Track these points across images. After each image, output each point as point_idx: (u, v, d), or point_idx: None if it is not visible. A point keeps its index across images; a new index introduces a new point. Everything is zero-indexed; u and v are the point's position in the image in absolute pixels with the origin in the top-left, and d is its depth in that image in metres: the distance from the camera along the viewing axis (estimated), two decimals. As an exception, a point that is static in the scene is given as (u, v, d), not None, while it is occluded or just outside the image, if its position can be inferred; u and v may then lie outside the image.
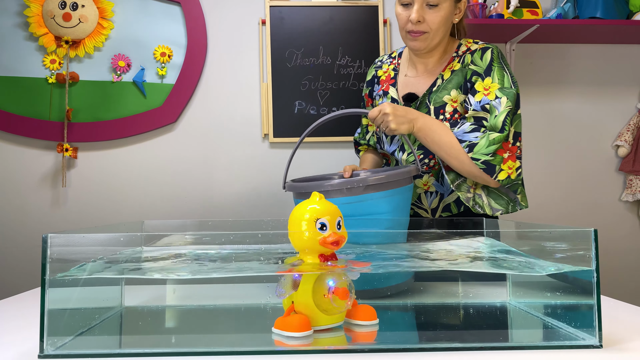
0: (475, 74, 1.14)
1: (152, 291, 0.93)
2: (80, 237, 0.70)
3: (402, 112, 1.07)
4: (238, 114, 1.95)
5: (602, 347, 0.64)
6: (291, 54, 1.94)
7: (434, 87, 1.19)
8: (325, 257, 0.66)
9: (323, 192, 0.90)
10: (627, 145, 1.97)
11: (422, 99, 1.19)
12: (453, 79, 1.17)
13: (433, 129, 1.10)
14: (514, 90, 1.13)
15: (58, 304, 0.66)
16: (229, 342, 0.69)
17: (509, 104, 1.10)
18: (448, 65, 1.20)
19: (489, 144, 1.08)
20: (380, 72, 1.32)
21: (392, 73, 1.29)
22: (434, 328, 0.77)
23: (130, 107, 1.90)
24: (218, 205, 1.93)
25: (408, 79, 1.25)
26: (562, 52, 2.03)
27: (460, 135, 1.11)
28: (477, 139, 1.09)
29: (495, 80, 1.13)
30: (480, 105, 1.12)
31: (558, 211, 2.01)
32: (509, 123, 1.10)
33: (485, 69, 1.14)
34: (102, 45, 1.91)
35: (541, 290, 0.79)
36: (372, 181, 0.89)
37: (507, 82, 1.13)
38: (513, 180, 1.11)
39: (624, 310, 0.83)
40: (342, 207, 0.89)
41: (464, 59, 1.18)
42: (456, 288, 0.95)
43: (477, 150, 1.08)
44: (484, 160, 1.08)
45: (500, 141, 1.08)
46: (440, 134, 1.10)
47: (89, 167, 1.91)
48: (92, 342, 0.69)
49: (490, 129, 1.10)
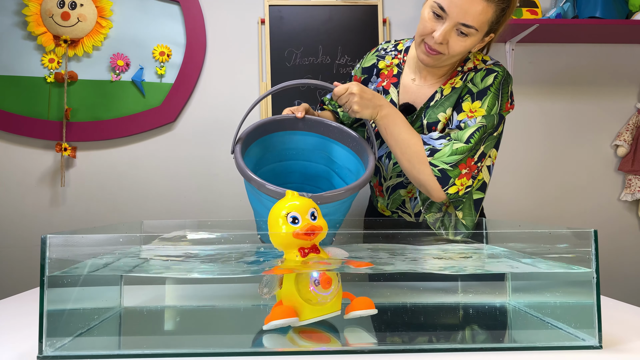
0: (469, 93, 1.08)
1: (151, 291, 0.93)
2: (79, 238, 0.69)
3: (369, 95, 1.03)
4: (237, 113, 1.94)
5: (602, 348, 0.64)
6: (290, 54, 1.94)
7: (431, 102, 1.13)
8: (305, 251, 0.66)
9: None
10: (626, 144, 1.97)
11: (419, 113, 1.14)
12: (451, 96, 1.11)
13: (396, 122, 1.05)
14: (494, 118, 1.07)
15: (57, 304, 0.66)
16: (229, 343, 0.69)
17: (482, 121, 1.05)
18: (450, 79, 1.13)
19: (451, 153, 1.03)
20: (382, 63, 1.22)
21: (395, 70, 1.20)
22: (433, 329, 0.77)
23: (129, 107, 1.89)
24: (217, 205, 1.93)
25: (411, 86, 1.18)
26: (562, 52, 2.03)
27: (427, 139, 1.06)
28: (441, 145, 1.04)
29: (484, 105, 1.06)
30: (455, 124, 1.08)
31: (557, 210, 2.01)
32: (476, 138, 1.04)
33: (480, 90, 1.08)
34: (100, 45, 1.90)
35: (541, 291, 0.80)
36: (325, 198, 0.84)
37: (495, 110, 1.07)
38: (459, 196, 1.07)
39: (623, 311, 0.84)
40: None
41: (466, 77, 1.11)
42: (456, 288, 0.95)
43: (438, 157, 1.04)
44: (441, 169, 1.03)
45: (463, 152, 1.03)
46: (401, 130, 1.05)
47: (87, 166, 1.91)
48: (91, 343, 0.69)
49: (455, 139, 1.05)
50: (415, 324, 0.80)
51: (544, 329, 0.73)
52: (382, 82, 1.21)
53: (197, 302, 0.87)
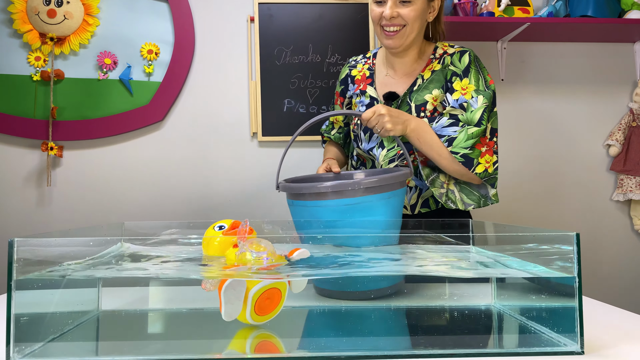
0: (454, 75, 1.20)
1: (131, 293, 0.90)
2: (52, 241, 0.68)
3: (396, 113, 1.11)
4: (226, 112, 1.92)
5: (583, 354, 0.62)
6: (280, 52, 1.92)
7: (414, 87, 1.22)
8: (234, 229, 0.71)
9: (318, 193, 0.89)
10: (618, 144, 1.97)
11: (403, 98, 1.22)
12: (434, 78, 1.21)
13: (425, 129, 1.14)
14: (489, 91, 1.18)
15: (27, 307, 0.64)
16: (212, 347, 0.67)
17: (485, 102, 1.16)
18: (427, 66, 1.24)
19: (467, 138, 1.13)
20: (354, 71, 1.34)
21: (367, 72, 1.31)
22: (414, 332, 0.76)
23: (117, 105, 1.87)
24: (205, 205, 1.91)
25: (386, 79, 1.28)
26: (554, 51, 2.02)
27: (439, 130, 1.15)
28: (456, 133, 1.13)
29: (472, 82, 1.18)
30: (458, 103, 1.18)
31: (548, 211, 2.00)
32: (485, 118, 1.15)
33: (463, 70, 1.20)
34: (87, 42, 1.88)
35: (525, 293, 0.78)
36: (369, 183, 0.89)
37: (482, 86, 1.19)
38: (490, 174, 1.16)
39: (609, 313, 0.82)
40: (337, 209, 0.89)
41: (444, 60, 1.22)
42: (441, 290, 0.94)
43: (456, 144, 1.13)
44: (463, 154, 1.13)
45: (478, 135, 1.13)
46: (432, 136, 1.14)
47: (74, 166, 1.88)
48: (64, 348, 0.67)
49: (466, 122, 1.15)
50: (395, 327, 0.78)
51: (526, 333, 0.72)
52: (358, 87, 1.31)
53: (182, 305, 0.85)
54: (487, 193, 1.21)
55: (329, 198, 0.89)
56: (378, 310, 0.83)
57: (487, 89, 1.18)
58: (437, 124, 1.16)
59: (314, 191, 0.89)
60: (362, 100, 1.30)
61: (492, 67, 1.99)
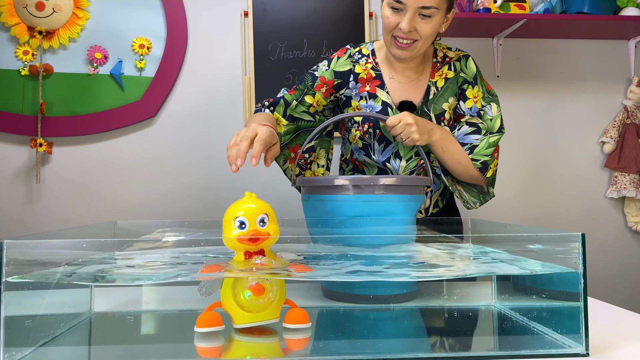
0: (465, 82, 1.21)
1: (125, 294, 0.88)
2: (43, 243, 0.65)
3: (422, 122, 1.08)
4: (220, 108, 1.90)
5: (588, 355, 0.62)
6: (274, 47, 1.89)
7: (429, 95, 1.21)
8: (250, 254, 0.66)
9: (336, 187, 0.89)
10: (612, 141, 1.97)
11: (421, 108, 1.20)
12: (449, 87, 1.21)
13: (449, 138, 1.15)
14: (495, 97, 1.22)
15: (17, 310, 0.62)
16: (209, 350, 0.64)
17: (499, 109, 1.20)
18: (436, 72, 1.22)
19: (487, 146, 1.16)
20: (358, 68, 1.23)
21: (372, 73, 1.22)
22: (412, 335, 0.75)
23: (108, 101, 1.84)
24: (198, 203, 1.89)
25: (395, 84, 1.21)
26: (549, 48, 2.01)
27: (461, 138, 1.17)
28: (478, 141, 1.16)
29: (480, 89, 1.21)
30: (474, 112, 1.20)
31: (543, 208, 2.00)
32: (504, 126, 1.19)
33: (473, 77, 1.21)
34: (77, 36, 1.84)
35: (527, 293, 0.77)
36: (391, 181, 0.88)
37: (486, 93, 1.22)
38: (493, 177, 1.20)
39: (610, 313, 0.82)
40: (355, 205, 0.88)
41: (454, 67, 1.21)
42: (440, 289, 0.93)
43: (477, 152, 1.16)
44: (483, 161, 1.16)
45: (497, 143, 1.18)
46: (454, 145, 1.16)
47: (64, 162, 1.85)
48: (57, 353, 0.65)
49: (487, 130, 1.18)
50: (394, 328, 0.77)
51: (528, 334, 0.71)
52: (365, 87, 1.22)
53: (176, 306, 0.83)
54: (483, 190, 1.23)
55: (348, 192, 0.88)
56: (376, 312, 0.82)
57: (491, 96, 1.22)
58: (458, 131, 1.17)
59: (333, 184, 0.88)
60: (371, 104, 1.21)
61: (488, 64, 1.98)
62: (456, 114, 1.22)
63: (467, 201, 1.21)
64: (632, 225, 1.99)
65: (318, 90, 1.23)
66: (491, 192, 1.24)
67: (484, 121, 1.18)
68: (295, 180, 1.02)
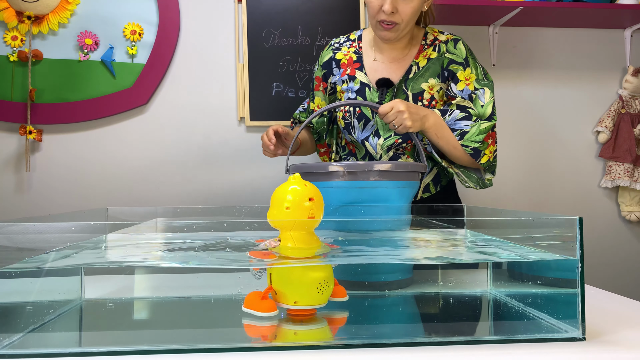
0: (453, 63, 1.21)
1: (117, 282, 0.87)
2: (30, 227, 0.64)
3: (414, 109, 1.10)
4: (213, 96, 1.87)
5: (585, 340, 0.61)
6: (268, 34, 1.87)
7: (410, 74, 1.22)
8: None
9: (329, 173, 0.88)
10: (607, 131, 1.97)
11: (399, 86, 1.22)
12: (430, 67, 1.22)
13: (442, 125, 1.16)
14: (490, 82, 1.22)
15: (5, 297, 0.61)
16: (201, 338, 0.64)
17: (492, 95, 1.20)
18: (421, 53, 1.23)
19: (478, 132, 1.17)
20: (339, 54, 1.31)
21: (354, 56, 1.29)
22: (408, 320, 0.74)
23: (99, 88, 1.81)
24: (191, 192, 1.87)
25: (377, 64, 1.26)
26: (545, 36, 2.00)
27: (452, 123, 1.17)
28: (468, 127, 1.17)
29: (472, 71, 1.21)
30: (465, 94, 1.20)
31: (537, 197, 2.00)
32: (495, 113, 1.20)
33: (463, 59, 1.21)
34: (67, 22, 1.81)
35: (522, 280, 0.77)
36: (386, 167, 0.87)
37: (481, 75, 1.22)
38: (491, 162, 1.21)
39: (605, 299, 0.82)
40: (350, 191, 0.88)
41: (439, 48, 1.22)
42: (435, 276, 0.93)
43: (468, 138, 1.17)
44: (473, 147, 1.17)
45: (488, 130, 1.18)
46: (448, 132, 1.17)
47: (54, 150, 1.82)
48: (46, 339, 0.64)
49: (478, 116, 1.18)
50: (389, 315, 0.76)
51: (525, 319, 0.71)
52: (346, 71, 1.28)
53: (167, 293, 0.82)
54: (482, 177, 1.24)
55: (342, 179, 0.87)
56: (370, 299, 0.81)
57: (486, 79, 1.22)
58: (449, 117, 1.18)
59: (327, 170, 0.88)
60: (351, 86, 1.27)
61: (484, 52, 1.97)
62: (447, 97, 1.23)
63: (465, 181, 1.23)
64: (626, 215, 2.00)
65: (317, 90, 1.36)
66: (488, 181, 1.24)
67: (475, 106, 1.18)
68: (289, 168, 1.01)
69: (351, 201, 0.88)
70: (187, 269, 0.89)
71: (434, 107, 1.21)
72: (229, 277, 0.81)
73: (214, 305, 0.78)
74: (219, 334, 0.67)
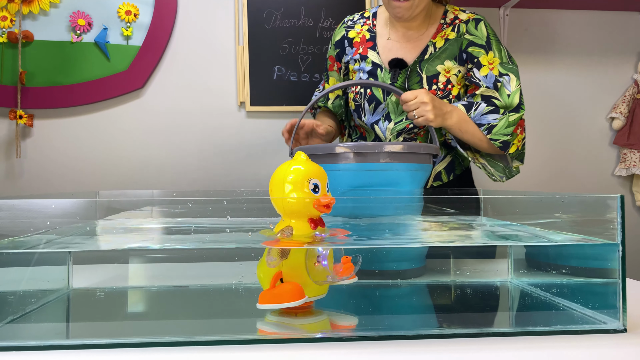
0: (473, 44, 1.14)
1: (107, 271, 0.82)
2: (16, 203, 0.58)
3: (439, 103, 1.05)
4: (211, 79, 1.81)
5: (626, 332, 0.55)
6: (270, 15, 1.80)
7: (425, 55, 1.17)
8: (315, 222, 0.60)
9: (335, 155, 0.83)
10: (622, 117, 1.92)
11: (413, 67, 1.17)
12: (447, 48, 1.16)
13: (466, 119, 1.11)
14: (515, 67, 1.15)
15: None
16: (198, 329, 0.60)
17: (518, 83, 1.14)
18: (439, 33, 1.17)
19: (507, 125, 1.12)
20: (352, 33, 1.26)
21: (367, 35, 1.24)
22: (426, 311, 0.69)
23: (92, 71, 1.75)
24: (189, 178, 1.82)
25: (391, 43, 1.21)
26: (558, 19, 1.95)
27: (478, 118, 1.12)
28: (496, 120, 1.12)
29: (496, 54, 1.14)
30: (490, 82, 1.14)
31: (548, 186, 1.96)
32: (523, 101, 1.14)
33: (485, 41, 1.15)
34: (59, 1, 1.75)
35: (547, 268, 0.71)
36: (398, 148, 0.82)
37: (505, 58, 1.15)
38: (520, 151, 1.17)
39: (635, 288, 0.76)
40: (359, 174, 0.82)
41: (458, 28, 1.16)
42: (449, 266, 0.87)
43: (496, 132, 1.12)
44: (502, 140, 1.13)
45: (517, 121, 1.13)
46: (473, 126, 1.12)
47: (46, 136, 1.77)
48: (27, 330, 0.59)
49: (505, 107, 1.13)
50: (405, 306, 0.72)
51: (555, 310, 0.65)
52: (358, 50, 1.23)
53: (160, 282, 0.77)
54: (508, 164, 1.19)
55: (350, 161, 0.82)
56: (382, 289, 0.76)
57: (511, 63, 1.16)
58: (475, 112, 1.12)
59: (334, 152, 0.82)
60: (363, 66, 1.22)
61: (493, 35, 1.91)
62: (471, 84, 1.16)
63: (492, 174, 1.18)
64: (640, 204, 1.95)
65: (332, 70, 1.31)
66: (515, 169, 1.20)
67: (501, 96, 1.12)
68: (293, 151, 0.96)
69: (360, 184, 0.83)
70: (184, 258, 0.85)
71: (449, 91, 1.16)
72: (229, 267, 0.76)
73: (212, 295, 0.73)
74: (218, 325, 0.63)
